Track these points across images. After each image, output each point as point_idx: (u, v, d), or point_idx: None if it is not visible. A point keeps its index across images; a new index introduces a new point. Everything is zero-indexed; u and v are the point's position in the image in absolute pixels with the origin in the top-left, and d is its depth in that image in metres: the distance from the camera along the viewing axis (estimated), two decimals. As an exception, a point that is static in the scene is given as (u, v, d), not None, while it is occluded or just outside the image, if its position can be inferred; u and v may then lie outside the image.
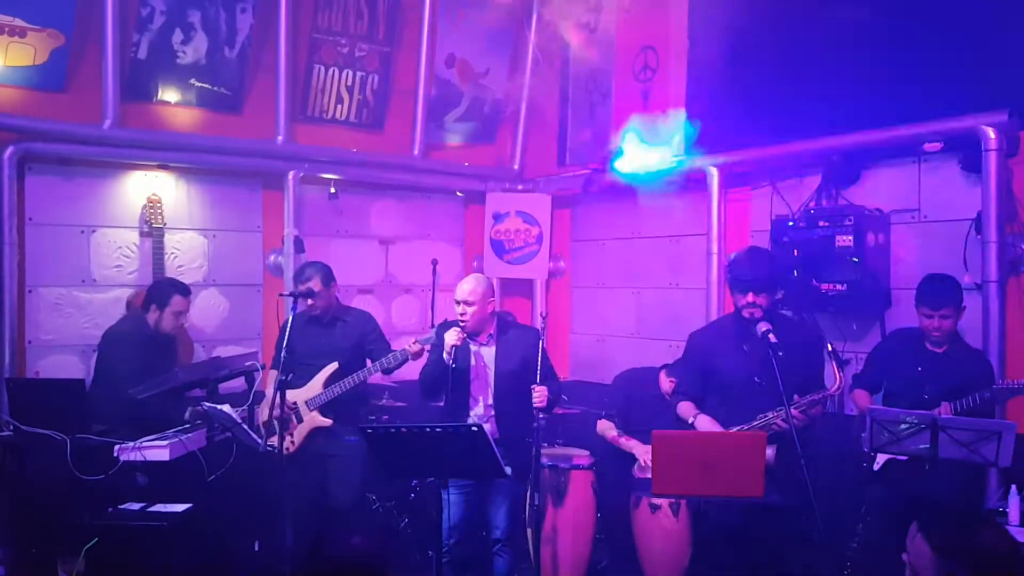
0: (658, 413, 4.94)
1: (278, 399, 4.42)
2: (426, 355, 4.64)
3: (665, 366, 5.18)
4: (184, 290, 5.06)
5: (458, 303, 4.37)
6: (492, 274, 7.30)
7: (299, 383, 4.80)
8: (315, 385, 4.81)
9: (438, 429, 3.62)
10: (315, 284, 4.80)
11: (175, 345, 5.21)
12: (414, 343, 4.67)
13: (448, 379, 4.30)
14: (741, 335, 3.99)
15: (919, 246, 5.00)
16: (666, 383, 5.07)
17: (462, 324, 4.33)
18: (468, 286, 4.40)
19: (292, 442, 4.80)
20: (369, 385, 5.17)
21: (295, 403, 4.80)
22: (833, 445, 4.51)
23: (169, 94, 5.95)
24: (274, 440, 4.35)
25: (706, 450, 3.43)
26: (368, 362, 4.88)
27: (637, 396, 5.24)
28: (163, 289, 5.03)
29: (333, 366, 4.79)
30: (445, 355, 4.28)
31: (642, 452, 4.87)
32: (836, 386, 3.88)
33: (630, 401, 5.24)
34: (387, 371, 4.85)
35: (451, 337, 4.29)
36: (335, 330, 4.93)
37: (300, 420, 4.81)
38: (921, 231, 5.03)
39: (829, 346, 3.98)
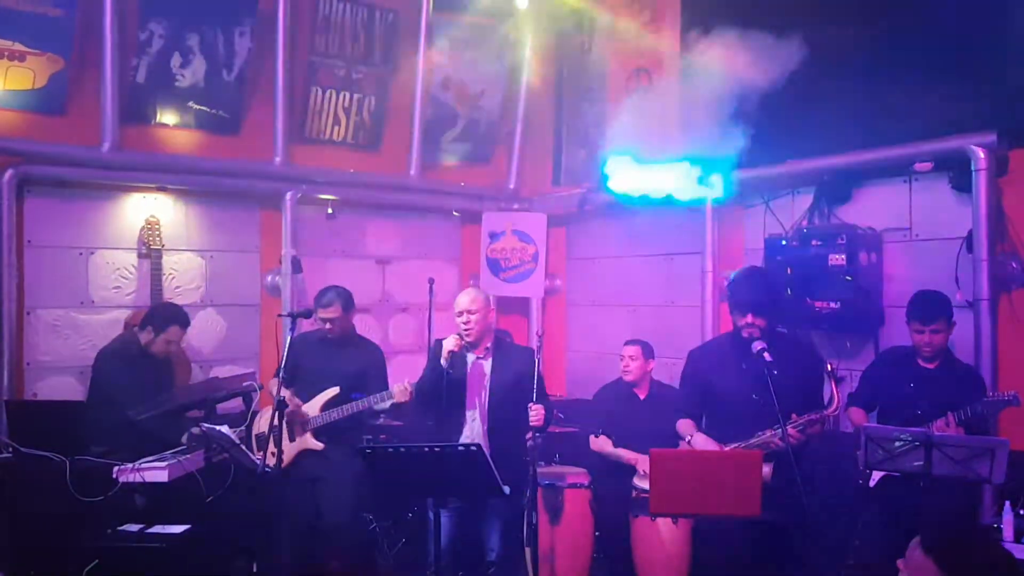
0: (635, 414, 5.13)
1: (276, 419, 4.41)
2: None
3: (627, 342, 5.32)
4: (184, 323, 5.07)
5: (460, 313, 4.43)
6: (488, 292, 7.33)
7: (300, 399, 4.82)
8: (313, 407, 4.82)
9: (436, 449, 3.64)
10: (335, 311, 4.84)
11: (170, 361, 5.22)
12: (404, 388, 4.66)
13: (442, 387, 4.32)
14: (739, 354, 4.02)
15: (911, 264, 5.06)
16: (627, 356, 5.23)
17: (464, 333, 4.38)
18: (469, 296, 4.49)
19: (280, 458, 4.78)
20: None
21: (292, 420, 4.80)
22: (829, 462, 4.54)
23: (168, 117, 6.00)
24: (271, 460, 4.35)
25: (703, 468, 3.46)
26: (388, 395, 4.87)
27: (617, 405, 5.29)
28: (164, 315, 5.03)
29: (334, 391, 4.80)
30: (442, 360, 4.32)
31: (643, 463, 4.90)
32: (834, 407, 3.90)
33: (612, 412, 5.27)
34: (373, 411, 4.87)
35: (449, 343, 4.35)
36: (345, 355, 4.94)
37: (292, 439, 4.81)
38: (913, 249, 5.08)
39: (828, 366, 4.00)
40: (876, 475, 4.27)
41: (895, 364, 4.47)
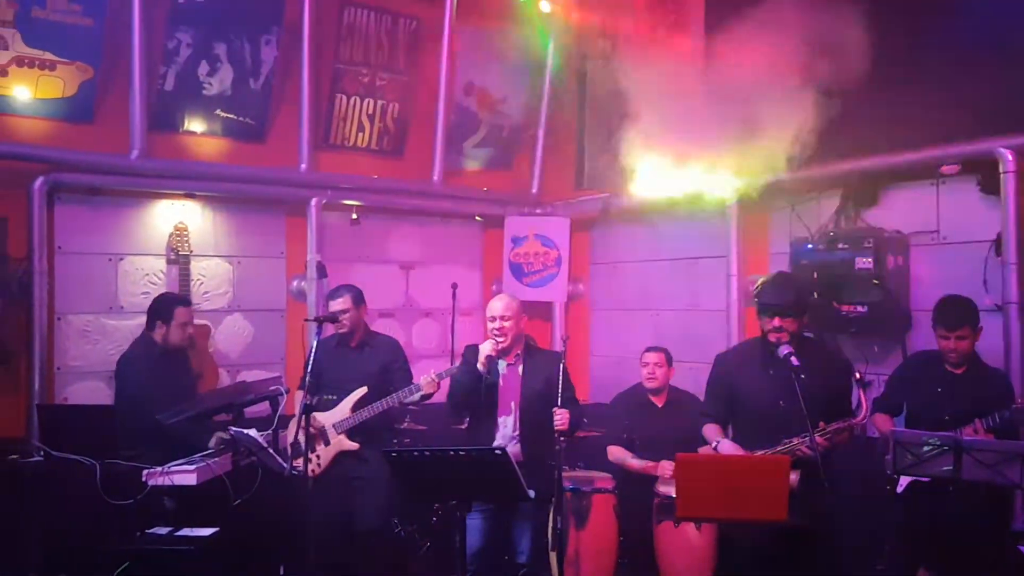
0: (653, 422, 5.13)
1: (303, 422, 4.45)
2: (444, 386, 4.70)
3: (649, 348, 5.32)
4: (185, 301, 5.09)
5: (493, 319, 4.44)
6: (512, 297, 7.35)
7: (327, 406, 4.85)
8: (343, 409, 4.85)
9: (461, 452, 3.65)
10: (345, 303, 4.87)
11: (187, 359, 5.25)
12: (431, 379, 4.67)
13: (480, 392, 4.34)
14: (766, 359, 3.97)
15: (939, 268, 5.01)
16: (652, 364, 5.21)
17: (499, 339, 4.39)
18: (502, 303, 4.49)
19: (319, 464, 4.84)
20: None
21: (323, 426, 4.85)
22: (856, 468, 4.49)
23: (195, 124, 6.08)
24: (299, 463, 4.39)
25: (729, 474, 3.44)
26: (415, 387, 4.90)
27: (634, 413, 5.28)
28: (165, 304, 5.02)
29: (362, 391, 4.82)
30: (480, 365, 4.34)
31: (661, 468, 4.89)
32: (862, 415, 3.85)
33: (629, 420, 5.26)
34: (403, 404, 4.89)
35: (486, 348, 4.37)
36: (363, 354, 4.97)
37: (327, 443, 4.85)
38: (941, 253, 5.04)
39: (857, 374, 3.96)
40: (904, 481, 4.23)
41: (922, 369, 4.42)
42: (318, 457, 4.84)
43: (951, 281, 4.79)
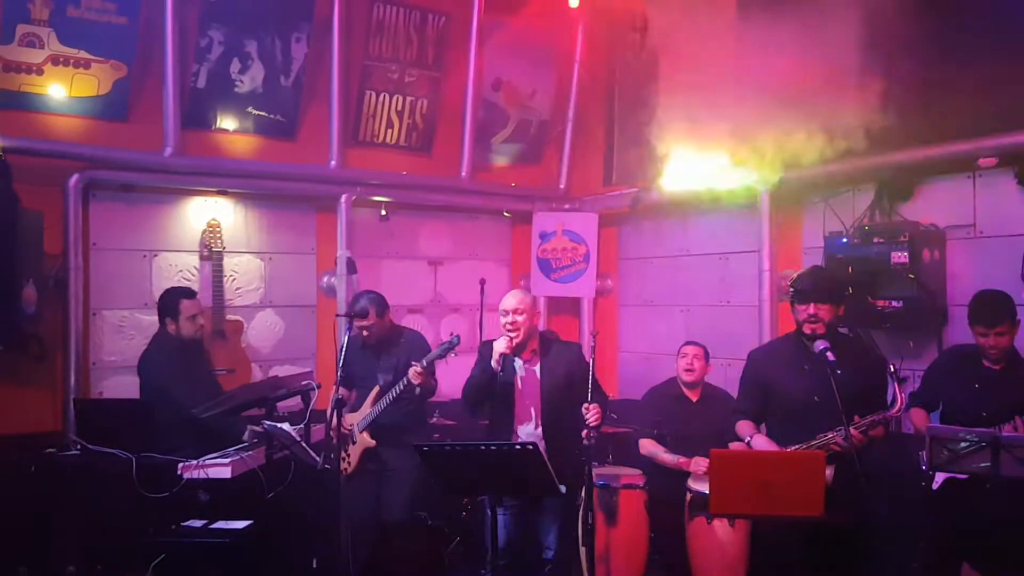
0: (687, 417, 5.12)
1: (335, 418, 4.47)
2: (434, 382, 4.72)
3: (688, 342, 5.30)
4: (188, 293, 5.10)
5: (506, 313, 4.37)
6: (539, 293, 7.35)
7: (355, 406, 4.88)
8: (364, 408, 4.89)
9: (492, 447, 3.66)
10: (370, 319, 4.88)
11: (203, 351, 5.31)
12: (417, 371, 4.57)
13: (494, 388, 4.32)
14: (801, 354, 3.95)
15: (975, 262, 4.94)
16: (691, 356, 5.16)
17: (512, 335, 4.34)
18: (516, 297, 4.43)
19: (349, 464, 4.87)
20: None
21: (351, 426, 4.88)
22: (890, 464, 4.44)
23: (227, 122, 6.13)
24: (343, 465, 4.40)
25: (764, 469, 3.41)
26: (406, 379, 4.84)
27: (668, 408, 5.26)
28: (169, 299, 5.07)
29: (377, 389, 4.86)
30: (493, 362, 4.28)
31: (695, 464, 4.86)
32: (897, 408, 3.81)
33: (663, 415, 5.24)
34: (408, 395, 4.83)
35: (500, 345, 4.29)
36: (384, 353, 4.98)
37: (354, 442, 4.89)
38: (977, 247, 4.97)
39: (891, 367, 3.91)
40: (939, 477, 4.17)
41: (959, 364, 4.35)
42: (348, 456, 4.87)
43: (988, 275, 4.73)
